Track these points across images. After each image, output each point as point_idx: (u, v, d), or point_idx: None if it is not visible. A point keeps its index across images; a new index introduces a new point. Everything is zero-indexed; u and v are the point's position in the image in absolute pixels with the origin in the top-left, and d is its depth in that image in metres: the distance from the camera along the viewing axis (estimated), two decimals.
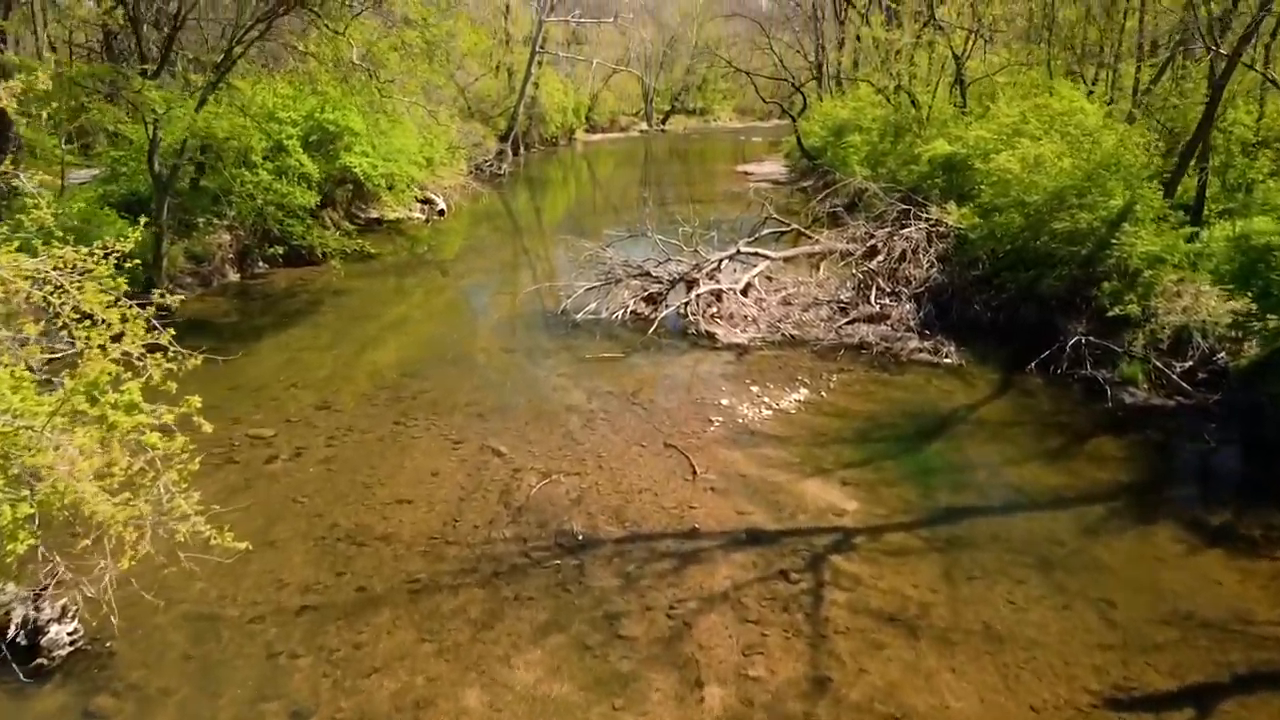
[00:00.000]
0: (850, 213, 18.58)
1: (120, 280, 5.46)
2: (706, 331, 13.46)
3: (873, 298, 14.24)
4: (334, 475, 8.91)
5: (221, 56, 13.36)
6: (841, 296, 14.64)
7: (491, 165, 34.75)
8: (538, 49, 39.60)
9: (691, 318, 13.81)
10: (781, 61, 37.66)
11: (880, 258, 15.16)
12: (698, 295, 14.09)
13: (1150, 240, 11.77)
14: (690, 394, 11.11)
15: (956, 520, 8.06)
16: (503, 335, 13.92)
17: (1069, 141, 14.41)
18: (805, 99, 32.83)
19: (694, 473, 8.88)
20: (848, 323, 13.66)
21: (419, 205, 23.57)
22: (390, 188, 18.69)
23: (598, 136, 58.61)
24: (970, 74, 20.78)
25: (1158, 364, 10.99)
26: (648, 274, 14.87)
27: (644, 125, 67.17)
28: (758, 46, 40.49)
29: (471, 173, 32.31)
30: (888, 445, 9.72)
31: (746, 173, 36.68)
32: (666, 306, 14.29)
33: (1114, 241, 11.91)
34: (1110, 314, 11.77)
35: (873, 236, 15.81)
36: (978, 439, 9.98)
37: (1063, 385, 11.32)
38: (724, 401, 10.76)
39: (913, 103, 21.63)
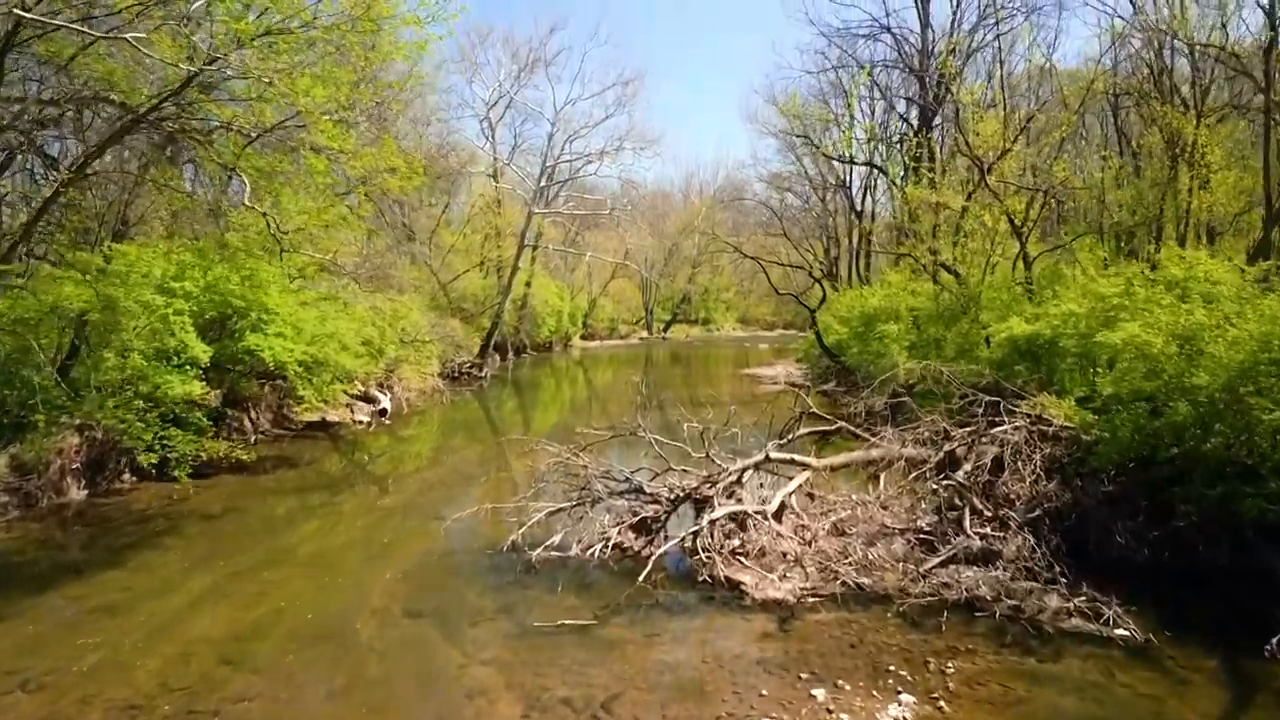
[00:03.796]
0: (897, 413, 14.45)
1: None
2: (726, 578, 8.82)
3: (968, 525, 9.70)
4: None
5: (51, 192, 9.63)
6: (921, 523, 10.11)
7: (472, 367, 31.20)
8: (530, 243, 37.26)
9: (703, 555, 9.19)
10: (797, 247, 35.19)
11: (967, 467, 10.76)
12: (712, 521, 9.53)
13: None
14: (706, 703, 6.31)
15: None
16: (413, 586, 9.16)
17: (1214, 309, 10.51)
18: (824, 291, 29.76)
19: None
20: (939, 564, 9.05)
21: (364, 405, 19.54)
22: (310, 379, 14.60)
23: (596, 343, 56.09)
24: (1032, 249, 17.35)
25: None
26: (639, 490, 10.44)
27: (644, 333, 65.19)
28: (764, 245, 38.29)
29: (447, 374, 28.71)
30: None
31: (756, 376, 33.08)
32: (666, 538, 9.73)
33: None
34: None
35: (949, 438, 11.50)
36: None
37: None
38: None
39: (958, 280, 18.08)
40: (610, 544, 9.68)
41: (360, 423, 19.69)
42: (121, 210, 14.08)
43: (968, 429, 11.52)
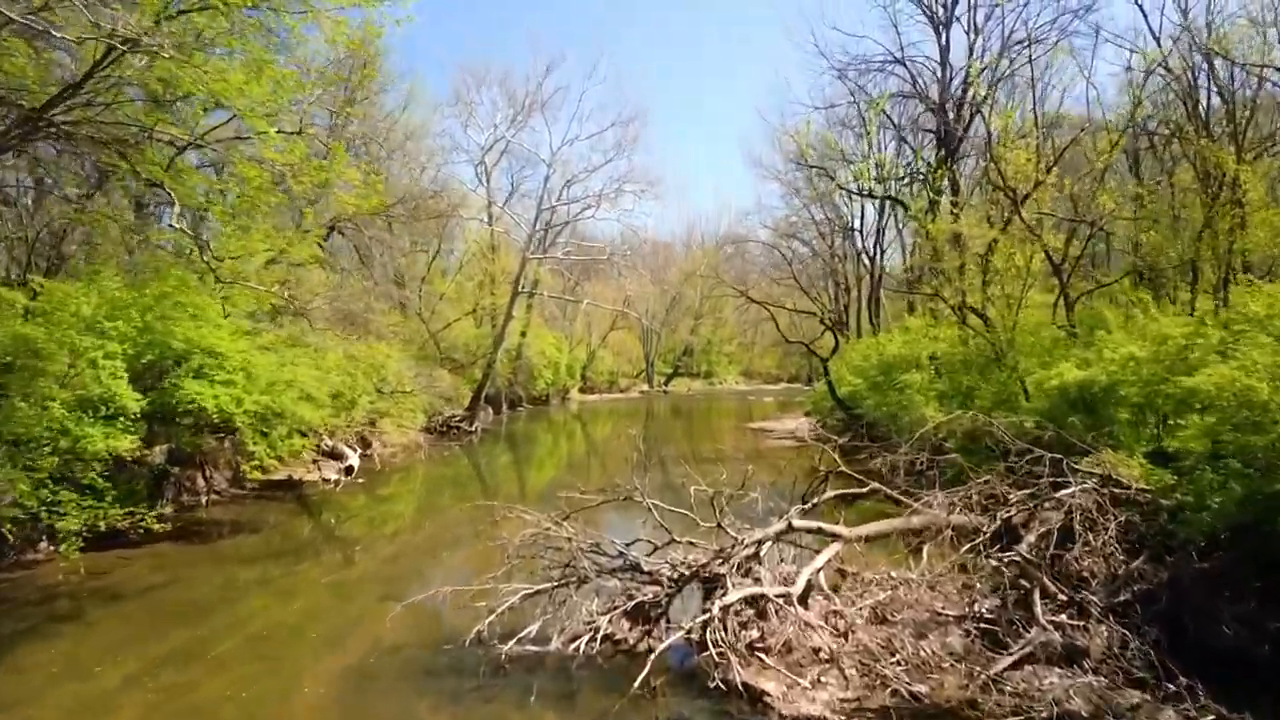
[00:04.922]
0: (930, 471, 12.69)
1: None
2: (745, 685, 6.97)
3: (1039, 612, 7.87)
4: None
5: None
6: (980, 608, 8.28)
7: (462, 421, 29.43)
8: (525, 290, 35.69)
9: (715, 651, 7.32)
10: (807, 292, 33.60)
11: (1030, 538, 8.97)
12: (724, 607, 7.69)
13: None
14: None
15: None
16: (351, 694, 7.28)
17: None
18: (837, 339, 28.06)
19: None
20: (1012, 664, 7.20)
21: (332, 461, 17.75)
22: (264, 432, 12.86)
23: (594, 396, 54.35)
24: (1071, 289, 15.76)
25: None
26: (635, 568, 8.62)
27: (645, 386, 63.47)
28: (769, 294, 36.73)
29: (435, 428, 26.96)
30: None
31: (764, 430, 31.26)
32: (669, 628, 7.91)
33: None
34: None
35: (1005, 503, 9.71)
36: None
37: None
38: None
39: (986, 324, 16.40)
40: (599, 635, 7.84)
41: (329, 481, 17.86)
42: (56, 242, 12.53)
43: (1025, 492, 9.76)
